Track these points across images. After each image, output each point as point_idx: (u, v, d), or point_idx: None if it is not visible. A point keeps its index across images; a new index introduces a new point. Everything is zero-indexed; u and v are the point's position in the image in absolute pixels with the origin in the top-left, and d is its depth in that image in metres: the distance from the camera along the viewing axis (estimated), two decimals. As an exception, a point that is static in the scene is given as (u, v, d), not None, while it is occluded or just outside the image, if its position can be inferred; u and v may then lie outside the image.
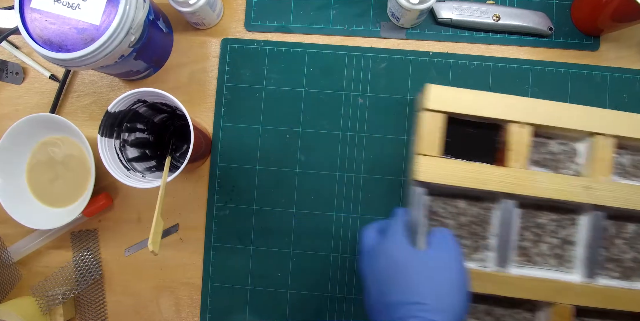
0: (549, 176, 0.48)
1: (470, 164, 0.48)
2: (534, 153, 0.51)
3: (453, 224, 0.51)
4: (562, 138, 0.51)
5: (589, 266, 0.49)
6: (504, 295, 0.48)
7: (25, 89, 0.57)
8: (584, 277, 0.49)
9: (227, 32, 0.56)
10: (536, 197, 0.48)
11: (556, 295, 0.48)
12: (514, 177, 0.48)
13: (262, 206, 0.54)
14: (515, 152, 0.48)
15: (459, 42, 0.55)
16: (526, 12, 0.54)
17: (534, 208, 0.51)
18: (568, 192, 0.48)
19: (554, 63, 0.54)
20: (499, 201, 0.50)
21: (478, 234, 0.50)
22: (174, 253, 0.55)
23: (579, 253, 0.50)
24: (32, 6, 0.43)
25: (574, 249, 0.50)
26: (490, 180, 0.47)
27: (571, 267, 0.50)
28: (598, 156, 0.48)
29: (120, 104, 0.45)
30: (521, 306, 0.51)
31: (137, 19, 0.44)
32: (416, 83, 0.54)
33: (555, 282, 0.48)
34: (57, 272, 0.55)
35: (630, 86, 0.54)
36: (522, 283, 0.48)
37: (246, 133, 0.55)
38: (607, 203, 0.48)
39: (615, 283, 0.49)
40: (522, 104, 0.48)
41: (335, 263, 0.54)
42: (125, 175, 0.45)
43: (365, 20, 0.55)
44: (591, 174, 0.49)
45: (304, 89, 0.55)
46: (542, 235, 0.51)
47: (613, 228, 0.51)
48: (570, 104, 0.49)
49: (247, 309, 0.54)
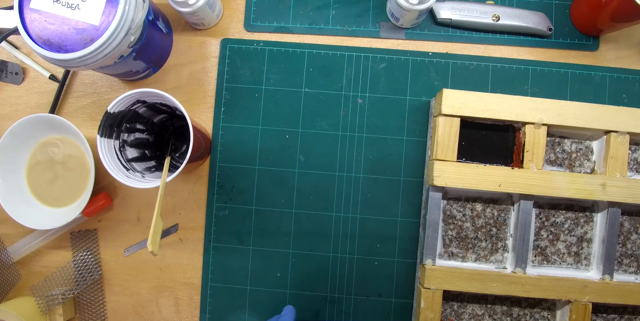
0: (565, 176, 0.48)
1: (486, 167, 0.48)
2: (548, 153, 0.51)
3: (470, 227, 0.51)
4: (576, 137, 0.51)
5: (605, 263, 0.49)
6: (523, 296, 0.48)
7: (24, 89, 0.57)
8: (601, 274, 0.49)
9: (227, 32, 0.56)
10: (553, 197, 0.49)
11: (574, 293, 0.48)
12: (530, 178, 0.48)
13: (262, 206, 0.54)
14: (531, 153, 0.48)
15: (459, 42, 0.55)
16: (526, 12, 0.54)
17: (549, 207, 0.51)
18: (585, 191, 0.48)
19: (553, 63, 0.54)
20: (516, 203, 0.50)
21: (495, 236, 0.51)
22: (174, 253, 0.55)
23: (595, 250, 0.51)
24: (32, 6, 0.43)
25: (590, 246, 0.51)
26: (506, 182, 0.48)
27: (588, 264, 0.51)
28: (613, 153, 0.49)
29: (120, 104, 0.45)
30: (540, 305, 0.51)
31: (137, 19, 0.44)
32: (416, 83, 0.54)
33: (573, 280, 0.48)
34: (56, 272, 0.55)
35: (629, 86, 0.54)
36: (540, 282, 0.48)
37: (246, 133, 0.55)
38: (624, 199, 0.48)
39: (632, 279, 0.50)
40: (536, 105, 0.48)
41: (335, 263, 0.54)
42: (124, 175, 0.45)
43: (365, 21, 0.55)
44: (607, 172, 0.49)
45: (304, 89, 0.55)
46: (559, 234, 0.51)
47: (628, 223, 0.51)
48: (583, 103, 0.49)
49: (246, 309, 0.54)
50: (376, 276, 0.54)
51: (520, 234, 0.49)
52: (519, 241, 0.49)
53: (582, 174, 0.49)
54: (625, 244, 0.51)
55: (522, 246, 0.49)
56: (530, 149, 0.49)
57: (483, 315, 0.51)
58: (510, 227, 0.51)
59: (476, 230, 0.51)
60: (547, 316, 0.51)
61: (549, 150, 0.52)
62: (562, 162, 0.51)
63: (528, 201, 0.49)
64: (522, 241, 0.49)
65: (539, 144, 0.49)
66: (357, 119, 0.54)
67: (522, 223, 0.49)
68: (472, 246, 0.51)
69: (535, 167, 0.48)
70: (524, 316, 0.51)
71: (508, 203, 0.52)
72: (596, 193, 0.48)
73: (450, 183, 0.48)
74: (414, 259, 0.54)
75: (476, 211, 0.51)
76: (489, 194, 0.51)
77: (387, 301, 0.54)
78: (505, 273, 0.49)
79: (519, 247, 0.49)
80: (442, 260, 0.51)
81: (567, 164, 0.51)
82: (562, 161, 0.51)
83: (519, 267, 0.49)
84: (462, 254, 0.51)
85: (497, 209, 0.51)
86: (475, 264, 0.51)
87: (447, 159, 0.48)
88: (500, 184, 0.48)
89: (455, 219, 0.51)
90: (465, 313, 0.51)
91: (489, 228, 0.51)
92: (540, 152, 0.49)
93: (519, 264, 0.49)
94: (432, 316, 0.48)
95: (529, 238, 0.50)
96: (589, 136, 0.51)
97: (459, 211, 0.51)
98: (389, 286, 0.54)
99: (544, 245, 0.51)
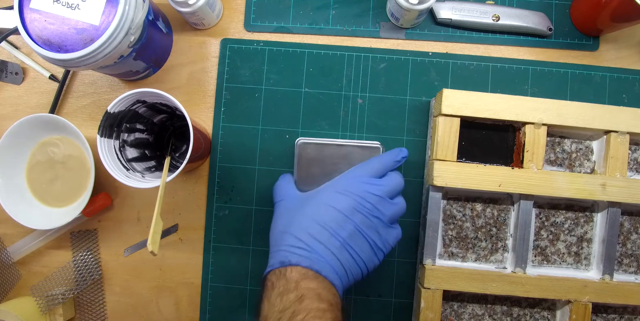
0: (565, 176, 0.48)
1: (486, 167, 0.48)
2: (548, 153, 0.51)
3: (470, 227, 0.51)
4: (576, 137, 0.52)
5: (605, 263, 0.49)
6: (523, 296, 0.48)
7: (24, 89, 0.57)
8: (601, 274, 0.49)
9: (227, 32, 0.56)
10: (553, 197, 0.49)
11: (574, 293, 0.48)
12: (530, 178, 0.48)
13: (262, 206, 0.54)
14: (531, 153, 0.49)
15: (459, 42, 0.55)
16: (526, 12, 0.54)
17: (549, 207, 0.51)
18: (585, 191, 0.48)
19: (553, 63, 0.54)
20: (516, 203, 0.50)
21: (495, 236, 0.51)
22: (174, 253, 0.55)
23: (595, 250, 0.51)
24: (32, 6, 0.43)
25: (590, 246, 0.51)
26: (506, 182, 0.48)
27: (588, 264, 0.51)
28: (613, 153, 0.49)
29: (120, 104, 0.45)
30: (539, 305, 0.51)
31: (137, 19, 0.44)
32: (415, 83, 0.54)
33: (573, 280, 0.48)
34: (56, 272, 0.55)
35: (629, 86, 0.54)
36: (540, 282, 0.48)
37: (246, 133, 0.55)
38: (624, 199, 0.48)
39: (632, 279, 0.50)
40: (536, 105, 0.48)
41: (335, 263, 0.54)
42: (124, 175, 0.45)
43: (365, 21, 0.55)
44: (607, 172, 0.49)
45: (304, 89, 0.55)
46: (559, 234, 0.51)
47: (628, 223, 0.51)
48: (583, 103, 0.49)
49: (246, 309, 0.54)
50: (376, 276, 0.54)
51: (520, 234, 0.49)
52: (519, 241, 0.49)
53: (582, 174, 0.49)
54: (625, 244, 0.51)
55: (522, 246, 0.49)
56: (530, 149, 0.49)
57: (483, 315, 0.51)
58: (510, 227, 0.51)
59: (476, 230, 0.51)
60: (547, 316, 0.51)
61: (549, 150, 0.52)
62: (562, 162, 0.52)
63: (528, 201, 0.49)
64: (522, 241, 0.49)
65: (539, 144, 0.49)
66: (357, 119, 0.54)
67: (522, 223, 0.49)
68: (472, 246, 0.51)
69: (535, 167, 0.48)
70: (524, 316, 0.51)
71: (508, 203, 0.52)
72: (596, 193, 0.48)
73: (450, 183, 0.48)
74: (414, 259, 0.54)
75: (476, 211, 0.51)
76: (489, 194, 0.51)
77: (387, 301, 0.54)
78: (505, 273, 0.49)
79: (519, 247, 0.49)
80: (442, 260, 0.51)
81: (567, 164, 0.51)
82: (562, 161, 0.52)
83: (519, 267, 0.49)
84: (462, 254, 0.51)
85: (497, 209, 0.51)
86: (475, 264, 0.51)
87: (447, 159, 0.48)
88: (500, 184, 0.48)
89: (455, 219, 0.51)
90: (465, 313, 0.51)
91: (489, 228, 0.51)
92: (540, 152, 0.49)
93: (519, 264, 0.49)
94: (432, 316, 0.48)
95: (529, 238, 0.50)
96: (589, 136, 0.51)
97: (459, 211, 0.51)
98: (389, 286, 0.54)
99: (544, 245, 0.51)
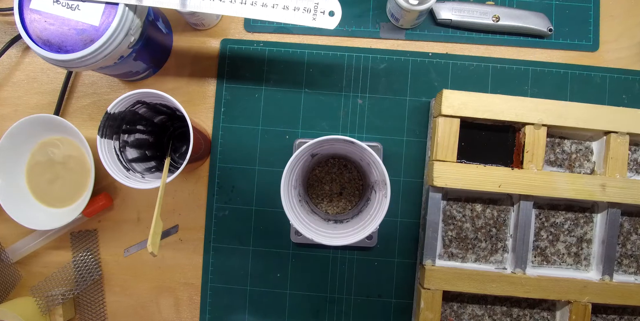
0: (565, 176, 0.48)
1: (486, 167, 0.48)
2: (548, 153, 0.51)
3: (470, 228, 0.51)
4: (576, 137, 0.52)
5: (605, 264, 0.49)
6: (523, 296, 0.48)
7: (25, 90, 0.57)
8: (600, 274, 0.49)
9: (227, 32, 0.56)
10: (553, 197, 0.49)
11: (574, 294, 0.48)
12: (530, 179, 0.48)
13: (262, 207, 0.54)
14: (531, 153, 0.49)
15: (459, 42, 0.55)
16: (526, 13, 0.54)
17: (549, 208, 0.51)
18: (585, 191, 0.48)
19: (553, 64, 0.54)
20: (516, 203, 0.50)
21: (495, 236, 0.51)
22: (174, 253, 0.55)
23: (595, 251, 0.51)
24: (32, 7, 0.42)
25: (590, 247, 0.51)
26: (506, 183, 0.48)
27: (588, 265, 0.51)
28: (613, 154, 0.49)
29: (120, 105, 0.45)
30: (539, 306, 0.51)
31: (137, 19, 0.44)
32: (415, 84, 0.54)
33: (573, 281, 0.48)
34: (56, 272, 0.55)
35: (629, 87, 0.54)
36: (540, 283, 0.48)
37: (246, 134, 0.55)
38: (623, 200, 0.48)
39: (632, 279, 0.50)
40: (536, 105, 0.48)
41: (335, 263, 0.54)
42: (124, 176, 0.45)
43: (365, 21, 0.55)
44: (606, 173, 0.49)
45: (304, 89, 0.55)
46: (559, 235, 0.51)
47: (628, 224, 0.51)
48: (583, 104, 0.49)
49: (246, 309, 0.54)
50: (376, 276, 0.54)
51: (520, 235, 0.49)
52: (519, 241, 0.49)
53: (582, 175, 0.49)
54: (625, 245, 0.51)
55: (521, 247, 0.49)
56: (530, 149, 0.49)
57: (483, 316, 0.51)
58: (510, 228, 0.51)
59: (476, 231, 0.51)
60: (547, 316, 0.51)
61: (548, 151, 0.52)
62: (562, 163, 0.52)
63: (528, 202, 0.49)
64: (521, 241, 0.49)
65: (539, 144, 0.49)
66: (357, 120, 0.54)
67: (522, 224, 0.49)
68: (472, 247, 0.51)
69: (535, 168, 0.48)
70: (524, 317, 0.51)
71: (508, 204, 0.52)
72: (596, 194, 0.48)
73: (450, 184, 0.48)
74: (414, 260, 0.54)
75: (476, 211, 0.51)
76: (488, 195, 0.51)
77: (387, 302, 0.54)
78: (505, 273, 0.49)
79: (519, 248, 0.49)
80: (442, 261, 0.51)
81: (567, 164, 0.51)
82: (562, 161, 0.52)
83: (518, 267, 0.49)
84: (462, 255, 0.51)
85: (497, 209, 0.51)
86: (475, 265, 0.51)
87: (447, 160, 0.48)
88: (500, 184, 0.48)
89: (455, 219, 0.51)
90: (465, 314, 0.51)
91: (488, 228, 0.51)
92: (540, 153, 0.49)
93: (519, 265, 0.49)
94: (432, 317, 0.48)
95: (529, 239, 0.50)
96: (589, 137, 0.51)
97: (459, 211, 0.51)
98: (389, 287, 0.54)
99: (543, 246, 0.51)
